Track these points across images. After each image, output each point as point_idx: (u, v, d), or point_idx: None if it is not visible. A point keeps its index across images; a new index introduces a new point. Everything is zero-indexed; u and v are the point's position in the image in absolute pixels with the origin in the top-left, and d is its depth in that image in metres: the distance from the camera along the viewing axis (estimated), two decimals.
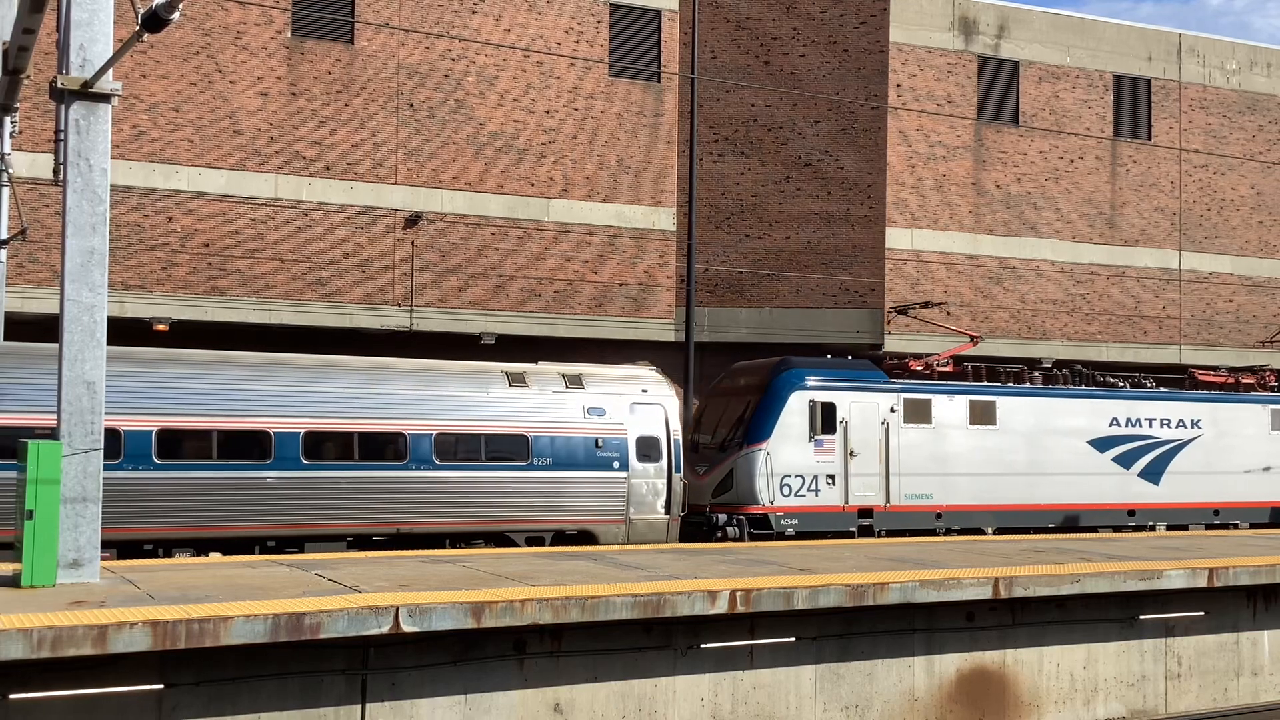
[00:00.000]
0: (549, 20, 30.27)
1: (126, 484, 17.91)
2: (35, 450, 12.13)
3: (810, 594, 13.20)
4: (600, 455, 21.26)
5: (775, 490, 23.03)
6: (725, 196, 32.46)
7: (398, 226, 28.64)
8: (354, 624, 10.91)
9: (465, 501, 20.17)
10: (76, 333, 12.51)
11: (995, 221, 34.22)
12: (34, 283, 25.51)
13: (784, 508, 23.04)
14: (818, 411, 23.54)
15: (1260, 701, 17.01)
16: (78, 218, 12.58)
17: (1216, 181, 37.20)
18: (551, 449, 20.86)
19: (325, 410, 19.64)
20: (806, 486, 23.32)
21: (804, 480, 23.32)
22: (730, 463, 23.28)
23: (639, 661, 12.88)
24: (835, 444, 23.66)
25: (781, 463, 23.12)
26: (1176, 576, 15.69)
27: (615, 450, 21.35)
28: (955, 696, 14.70)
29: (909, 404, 24.55)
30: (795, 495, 23.21)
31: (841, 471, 23.66)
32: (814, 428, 23.46)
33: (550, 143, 30.24)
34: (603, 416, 21.47)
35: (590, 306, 30.42)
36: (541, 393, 21.16)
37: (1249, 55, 37.96)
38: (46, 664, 9.97)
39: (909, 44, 33.23)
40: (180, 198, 26.88)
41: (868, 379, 24.45)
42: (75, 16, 12.67)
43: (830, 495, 23.54)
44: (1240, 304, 37.34)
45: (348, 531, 19.42)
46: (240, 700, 10.99)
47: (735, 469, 23.17)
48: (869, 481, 23.88)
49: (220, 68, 27.26)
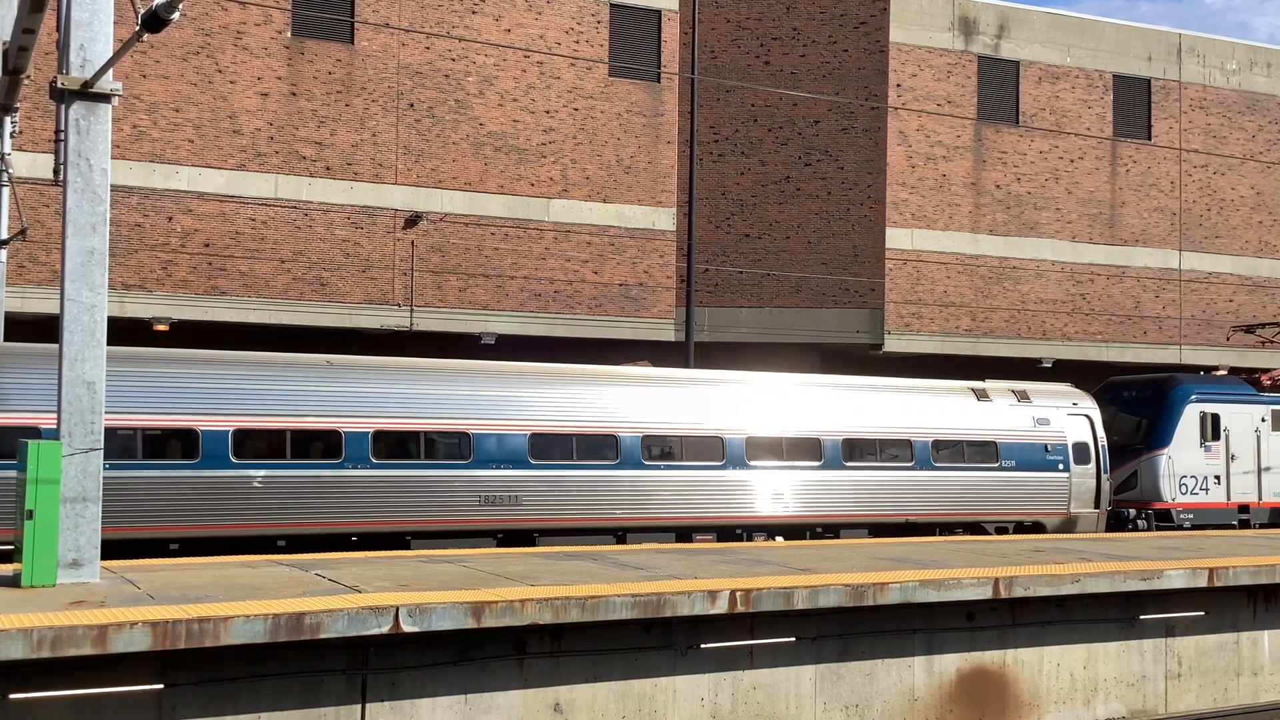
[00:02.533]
0: (549, 20, 30.27)
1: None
2: (35, 450, 12.12)
3: (810, 594, 13.20)
4: (1048, 458, 24.81)
5: (1175, 489, 27.12)
6: (725, 196, 32.47)
7: (398, 226, 28.65)
8: (354, 624, 10.91)
9: (953, 496, 23.77)
10: (76, 333, 12.50)
11: (995, 221, 34.22)
12: (34, 283, 25.51)
13: (1182, 504, 27.15)
14: (1208, 421, 27.73)
15: (1260, 701, 17.01)
16: (78, 218, 12.58)
17: (1216, 181, 37.20)
18: (1012, 453, 24.50)
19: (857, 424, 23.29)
20: (1199, 485, 27.51)
21: (1196, 480, 27.49)
22: (1134, 465, 27.27)
23: (639, 661, 12.88)
24: (1220, 449, 27.85)
25: (1180, 465, 27.22)
26: (1176, 576, 15.69)
27: (1059, 454, 24.99)
28: (955, 696, 14.71)
29: (1275, 414, 28.78)
30: (1190, 493, 27.35)
31: (1225, 473, 27.85)
32: (1204, 435, 27.59)
33: (550, 143, 30.25)
34: (1047, 425, 25.06)
35: (590, 306, 30.42)
36: (999, 406, 24.86)
37: (1249, 55, 37.97)
38: (46, 664, 9.97)
39: (909, 44, 33.24)
40: (180, 198, 26.88)
41: (1241, 393, 28.68)
42: (75, 16, 12.67)
43: (1216, 493, 27.67)
44: (1240, 304, 37.35)
45: (869, 522, 22.79)
46: (240, 700, 10.99)
47: (1140, 471, 27.20)
48: (1246, 480, 28.05)
49: (220, 68, 27.27)
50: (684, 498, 21.35)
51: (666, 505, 21.19)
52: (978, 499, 23.97)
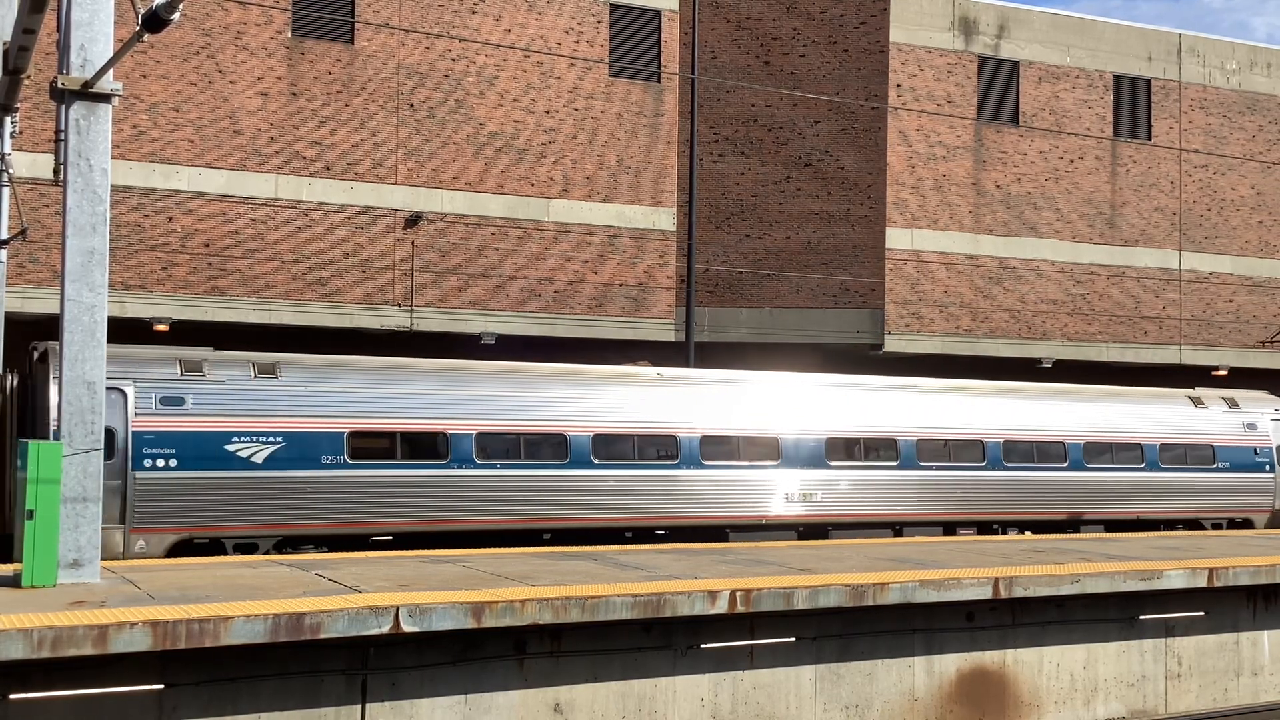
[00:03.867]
0: (549, 20, 30.28)
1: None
2: (35, 450, 12.12)
3: (810, 594, 13.20)
4: (1257, 460, 27.28)
5: None
6: (725, 196, 32.47)
7: (398, 226, 28.65)
8: (354, 624, 10.91)
9: (1175, 494, 26.11)
10: (77, 333, 12.50)
11: (995, 221, 34.22)
12: (34, 283, 25.52)
13: None
14: None
15: (1260, 701, 17.01)
16: (78, 218, 12.58)
17: (1216, 181, 37.20)
18: (1229, 455, 26.99)
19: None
20: None
21: None
22: None
23: (639, 661, 12.89)
24: None
25: None
26: (1176, 576, 15.70)
27: (1266, 457, 27.44)
28: (955, 696, 14.71)
29: None
30: None
31: None
32: None
33: (550, 143, 30.25)
34: (1255, 430, 27.55)
35: (590, 306, 30.42)
36: (1213, 412, 27.27)
37: (1249, 55, 37.97)
38: (47, 664, 9.98)
39: (909, 44, 33.23)
40: (180, 198, 26.88)
41: None
42: (75, 16, 12.67)
43: None
44: (1240, 304, 37.35)
45: (1109, 518, 25.30)
46: (240, 700, 11.00)
47: None
48: None
49: (220, 68, 27.27)
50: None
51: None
52: (1197, 497, 26.61)
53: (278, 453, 18.13)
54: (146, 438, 17.50)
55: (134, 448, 17.43)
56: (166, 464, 17.52)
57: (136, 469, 17.36)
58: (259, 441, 18.07)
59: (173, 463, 17.58)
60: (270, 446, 18.10)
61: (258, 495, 17.95)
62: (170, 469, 17.55)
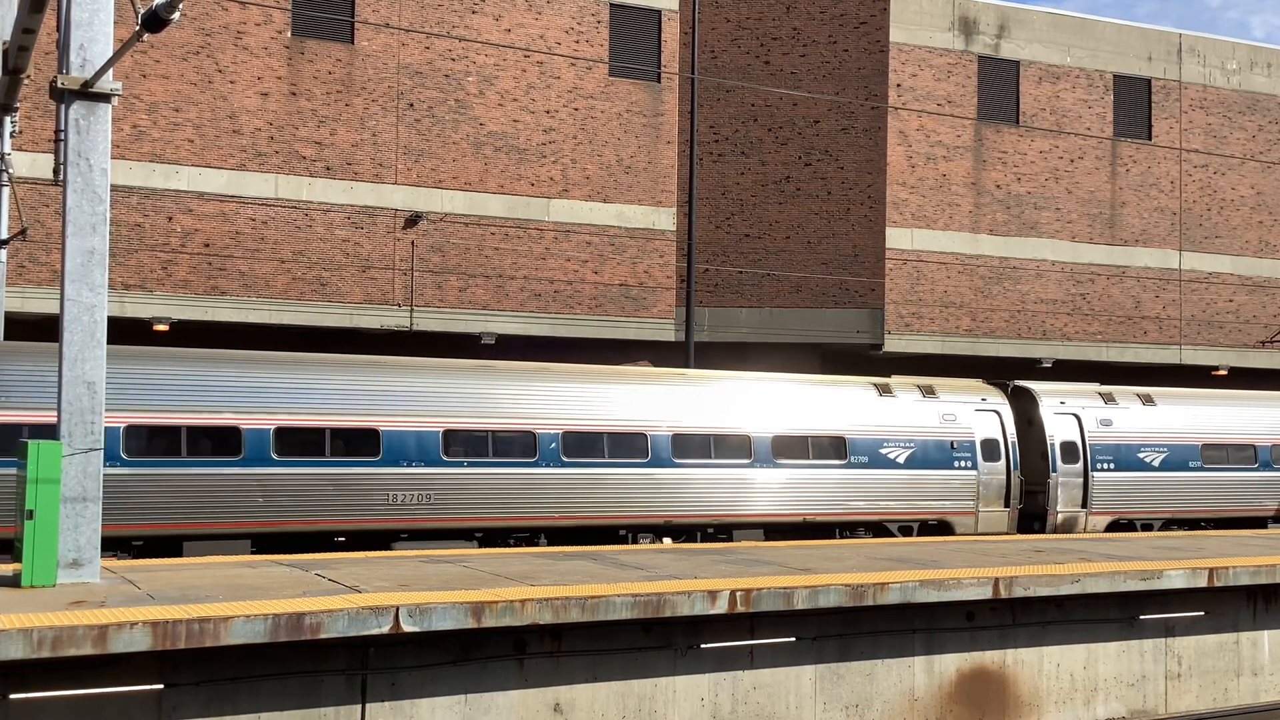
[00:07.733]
0: (549, 20, 30.27)
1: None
2: (35, 450, 12.11)
3: (810, 594, 13.20)
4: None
5: None
6: (725, 196, 32.47)
7: (398, 226, 28.65)
8: (354, 624, 10.91)
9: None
10: (77, 333, 12.50)
11: (995, 221, 34.22)
12: (34, 283, 25.52)
13: None
14: None
15: (1260, 701, 17.01)
16: (78, 218, 12.58)
17: (1216, 181, 37.20)
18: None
19: None
20: None
21: None
22: None
23: (639, 661, 12.89)
24: None
25: None
26: (1176, 576, 15.69)
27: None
28: (955, 696, 14.71)
29: None
30: None
31: None
32: None
33: (550, 143, 30.24)
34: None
35: (590, 306, 30.42)
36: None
37: (1249, 55, 37.97)
38: (47, 664, 9.97)
39: (909, 44, 33.23)
40: (180, 198, 26.88)
41: None
42: (75, 16, 12.67)
43: None
44: (1240, 304, 37.34)
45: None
46: (240, 700, 10.99)
47: None
48: None
49: (220, 68, 27.27)
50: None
51: None
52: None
53: None
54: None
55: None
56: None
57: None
58: None
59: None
60: None
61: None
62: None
